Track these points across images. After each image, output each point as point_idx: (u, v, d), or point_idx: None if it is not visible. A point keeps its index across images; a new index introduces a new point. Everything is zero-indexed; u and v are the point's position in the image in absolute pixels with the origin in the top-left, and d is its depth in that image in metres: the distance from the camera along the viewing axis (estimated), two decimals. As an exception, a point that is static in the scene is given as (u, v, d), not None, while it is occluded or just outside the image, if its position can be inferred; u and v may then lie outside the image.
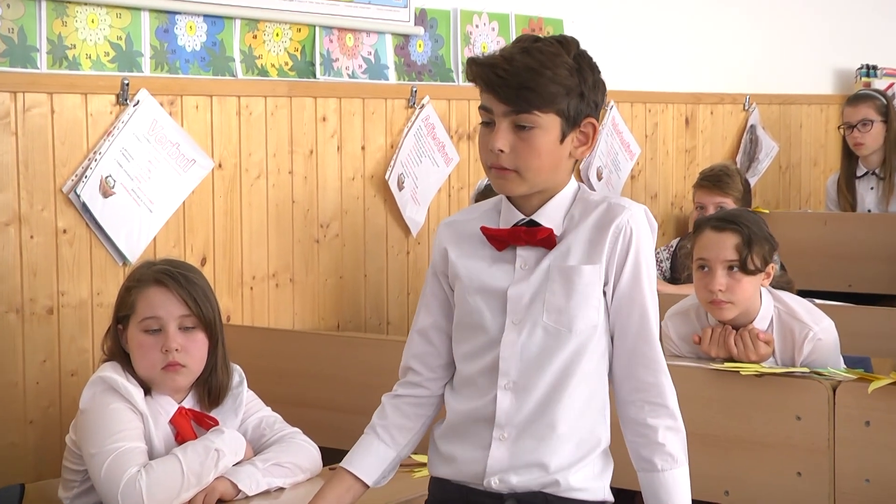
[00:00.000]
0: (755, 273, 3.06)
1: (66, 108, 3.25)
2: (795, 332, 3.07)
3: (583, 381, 2.08)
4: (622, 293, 2.08)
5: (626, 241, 2.07)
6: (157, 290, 2.66)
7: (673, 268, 4.61)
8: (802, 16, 6.08)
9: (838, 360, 3.12)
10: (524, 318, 2.07)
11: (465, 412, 2.12)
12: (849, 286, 4.78)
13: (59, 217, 3.24)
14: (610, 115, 4.96)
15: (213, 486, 2.56)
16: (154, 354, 2.63)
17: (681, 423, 2.13)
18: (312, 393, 3.32)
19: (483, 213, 2.17)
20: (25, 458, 3.19)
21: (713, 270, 3.07)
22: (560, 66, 2.01)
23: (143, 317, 2.65)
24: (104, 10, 3.33)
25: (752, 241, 3.07)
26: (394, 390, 2.25)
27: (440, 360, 2.20)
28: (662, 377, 2.11)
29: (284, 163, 3.79)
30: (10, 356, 3.16)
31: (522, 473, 2.07)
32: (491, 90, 2.03)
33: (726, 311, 3.07)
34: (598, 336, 2.09)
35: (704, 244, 3.12)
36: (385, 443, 2.22)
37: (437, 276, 2.19)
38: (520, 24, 4.55)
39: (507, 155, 2.04)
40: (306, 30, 3.84)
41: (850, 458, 2.65)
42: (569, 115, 2.04)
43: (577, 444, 2.09)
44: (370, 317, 4.05)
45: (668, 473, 2.10)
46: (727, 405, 2.79)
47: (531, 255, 2.09)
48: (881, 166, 5.22)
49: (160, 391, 2.66)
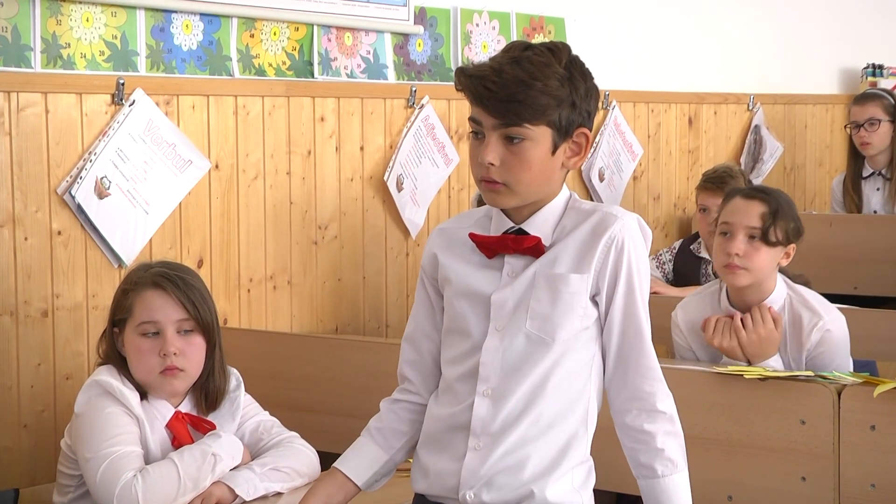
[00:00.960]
0: (775, 245, 3.06)
1: (60, 107, 3.23)
2: (805, 321, 3.06)
3: (563, 390, 2.06)
4: (617, 305, 2.07)
5: (619, 252, 2.05)
6: (154, 293, 2.64)
7: (676, 269, 4.57)
8: (808, 15, 6.06)
9: (847, 358, 3.10)
10: (507, 325, 2.06)
11: (443, 418, 2.11)
12: (854, 288, 4.75)
13: (53, 218, 3.22)
14: (612, 115, 4.93)
15: (209, 491, 2.55)
16: (152, 359, 2.61)
17: (679, 428, 2.11)
18: (310, 396, 3.31)
19: (475, 220, 2.16)
20: (19, 463, 3.18)
21: (734, 235, 3.07)
22: (550, 76, 1.98)
23: (140, 321, 2.63)
24: (99, 9, 3.31)
25: (779, 213, 3.07)
26: (392, 395, 2.25)
27: (429, 368, 2.19)
28: (658, 384, 2.10)
29: (282, 163, 3.77)
30: (3, 359, 3.15)
31: (497, 486, 2.05)
32: (480, 103, 2.01)
33: (740, 276, 3.05)
34: (581, 345, 2.08)
35: (731, 209, 3.12)
36: (378, 445, 2.21)
37: (426, 283, 2.19)
38: (521, 23, 4.53)
39: (497, 168, 2.02)
40: (304, 29, 3.81)
41: (856, 462, 2.63)
42: (560, 126, 2.01)
43: (555, 456, 2.06)
44: (369, 319, 4.03)
45: (669, 479, 2.08)
46: (730, 409, 2.78)
47: (519, 263, 2.08)
48: (888, 167, 5.20)
49: (157, 395, 2.64)
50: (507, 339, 2.06)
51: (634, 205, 5.09)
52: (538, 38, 4.58)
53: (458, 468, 2.07)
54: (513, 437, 2.05)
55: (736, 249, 3.04)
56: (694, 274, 4.46)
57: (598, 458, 2.21)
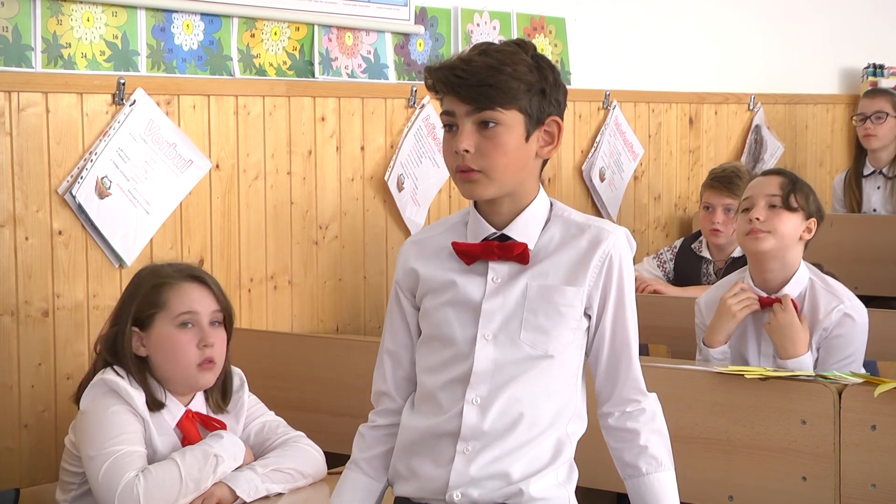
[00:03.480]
0: (796, 211, 3.13)
1: (61, 107, 3.23)
2: (825, 303, 3.11)
3: (553, 398, 2.08)
4: (608, 319, 2.10)
5: (611, 267, 2.08)
6: (192, 285, 2.69)
7: (676, 269, 4.56)
8: (808, 14, 6.05)
9: (861, 351, 3.13)
10: (499, 334, 2.07)
11: (426, 428, 2.10)
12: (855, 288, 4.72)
13: (54, 218, 3.22)
14: (613, 114, 4.93)
15: (210, 492, 2.56)
16: (191, 350, 2.64)
17: (663, 427, 2.15)
18: (310, 396, 3.31)
19: (450, 226, 2.16)
20: (20, 463, 3.18)
21: (755, 205, 3.15)
22: (519, 62, 2.02)
23: (179, 311, 2.65)
24: (100, 9, 3.31)
25: (798, 183, 3.17)
26: (371, 420, 2.22)
27: (412, 380, 2.18)
28: (642, 392, 2.15)
29: (283, 163, 3.76)
30: (4, 359, 3.14)
31: (485, 485, 2.06)
32: (452, 91, 2.03)
33: (762, 239, 3.12)
34: (570, 355, 2.10)
35: (752, 185, 3.22)
36: (370, 476, 2.20)
37: (402, 295, 2.17)
38: (521, 23, 4.52)
39: (472, 155, 2.03)
40: (305, 28, 3.81)
41: (856, 462, 2.63)
42: (532, 113, 2.04)
43: (543, 455, 2.08)
44: (369, 319, 4.03)
45: (654, 476, 2.11)
46: (731, 409, 2.77)
47: (503, 269, 2.09)
48: (889, 165, 5.21)
49: (183, 391, 2.65)
50: (500, 348, 2.06)
51: (635, 205, 5.09)
52: (538, 38, 4.58)
53: (445, 472, 2.07)
54: (503, 444, 2.06)
55: (757, 214, 3.12)
56: (695, 273, 4.45)
57: (598, 458, 2.22)
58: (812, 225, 3.16)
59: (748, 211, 3.16)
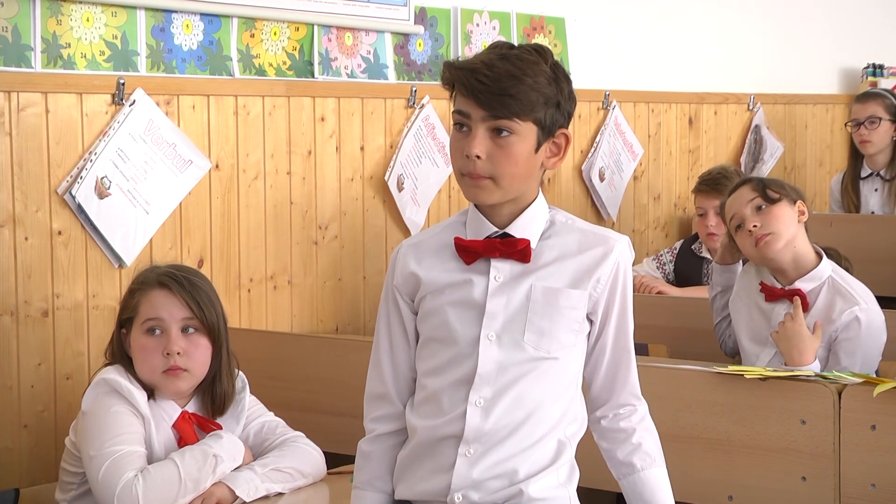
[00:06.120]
0: (780, 200, 3.19)
1: (60, 107, 3.23)
2: (840, 303, 3.14)
3: (556, 400, 2.09)
4: (612, 324, 2.12)
5: (618, 274, 2.10)
6: (159, 292, 2.67)
7: (677, 270, 4.56)
8: (808, 14, 6.05)
9: (873, 356, 3.13)
10: (503, 335, 2.06)
11: (429, 429, 2.09)
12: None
13: (53, 218, 3.22)
14: (612, 114, 4.93)
15: (210, 492, 2.56)
16: (155, 357, 2.62)
17: (654, 428, 2.18)
18: (310, 396, 3.30)
19: (446, 227, 2.16)
20: (20, 463, 3.18)
21: (744, 217, 3.22)
22: (539, 74, 2.02)
23: (145, 318, 2.65)
24: (99, 9, 3.31)
25: (764, 180, 3.28)
26: (370, 430, 2.19)
27: (411, 384, 2.16)
28: (639, 397, 2.18)
29: (282, 163, 3.76)
30: (4, 359, 3.14)
31: (487, 487, 2.06)
32: (471, 95, 2.02)
33: (771, 242, 3.18)
34: (572, 356, 2.11)
35: (729, 206, 3.30)
36: (379, 490, 2.17)
37: (400, 300, 2.15)
38: (521, 23, 4.52)
39: (483, 162, 2.03)
40: (304, 29, 3.81)
41: (856, 462, 2.62)
42: (545, 125, 2.04)
43: (544, 457, 2.08)
44: (369, 319, 4.02)
45: (649, 472, 2.13)
46: (731, 409, 2.77)
47: (505, 267, 2.08)
48: (887, 167, 5.18)
49: (163, 395, 2.65)
50: (503, 349, 2.06)
51: (635, 205, 5.09)
52: (538, 38, 4.58)
53: (446, 475, 2.06)
54: (507, 447, 2.06)
55: (752, 223, 3.19)
56: (695, 274, 4.46)
57: (598, 458, 2.22)
58: (801, 206, 3.22)
59: (741, 227, 3.23)
